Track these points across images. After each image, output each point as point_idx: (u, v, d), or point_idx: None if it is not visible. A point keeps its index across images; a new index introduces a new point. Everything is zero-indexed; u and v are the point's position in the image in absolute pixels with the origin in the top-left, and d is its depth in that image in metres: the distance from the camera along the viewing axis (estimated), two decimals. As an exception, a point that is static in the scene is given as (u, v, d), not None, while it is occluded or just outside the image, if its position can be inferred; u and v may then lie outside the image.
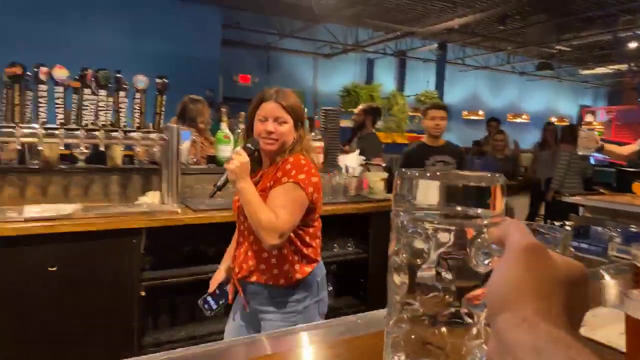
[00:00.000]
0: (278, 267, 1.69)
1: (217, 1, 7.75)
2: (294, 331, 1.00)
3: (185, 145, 2.81)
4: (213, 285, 1.89)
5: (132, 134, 2.45)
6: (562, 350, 0.31)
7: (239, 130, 3.24)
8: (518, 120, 14.74)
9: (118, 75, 2.39)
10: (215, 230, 2.74)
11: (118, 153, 2.65)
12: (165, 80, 2.49)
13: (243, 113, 3.23)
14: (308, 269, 1.74)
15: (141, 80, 2.41)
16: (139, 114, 2.44)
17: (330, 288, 3.10)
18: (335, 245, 3.11)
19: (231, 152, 1.85)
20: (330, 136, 3.34)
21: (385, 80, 12.04)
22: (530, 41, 10.80)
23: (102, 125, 2.36)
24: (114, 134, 2.41)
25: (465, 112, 14.17)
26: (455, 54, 13.15)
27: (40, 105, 2.24)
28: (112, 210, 2.38)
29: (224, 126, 3.05)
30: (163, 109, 2.52)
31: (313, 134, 3.26)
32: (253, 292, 1.74)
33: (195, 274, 2.59)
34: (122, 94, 2.40)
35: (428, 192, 0.53)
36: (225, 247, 2.82)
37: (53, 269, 2.11)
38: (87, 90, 2.33)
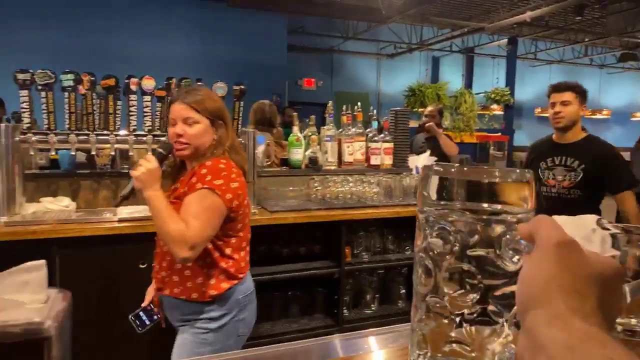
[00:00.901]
0: (191, 280, 1.56)
1: (282, 7, 7.93)
2: (366, 334, 1.01)
3: (260, 149, 2.91)
4: (147, 299, 1.74)
5: (212, 139, 2.57)
6: (597, 349, 0.30)
7: (310, 134, 3.30)
8: (598, 116, 13.76)
9: (199, 83, 2.51)
10: (289, 231, 2.82)
11: (198, 157, 2.78)
12: (243, 87, 2.59)
13: (313, 117, 3.29)
14: (225, 285, 1.58)
15: (221, 87, 2.52)
16: (218, 119, 2.55)
17: (404, 291, 3.06)
18: (407, 247, 3.08)
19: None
20: (399, 137, 3.31)
21: (452, 78, 11.72)
22: (611, 31, 10.05)
23: (185, 131, 2.50)
24: (195, 139, 2.53)
25: (538, 110, 13.45)
26: (527, 48, 12.53)
27: (131, 113, 2.41)
28: (194, 212, 2.51)
29: (295, 129, 3.12)
30: (240, 115, 2.62)
31: (382, 135, 3.25)
32: (168, 306, 1.64)
33: (270, 273, 2.67)
34: (202, 101, 2.52)
35: (453, 188, 0.52)
36: (298, 247, 2.89)
37: (143, 265, 2.27)
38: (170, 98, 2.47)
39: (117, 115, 2.48)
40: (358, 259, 2.91)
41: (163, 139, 2.49)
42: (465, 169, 0.52)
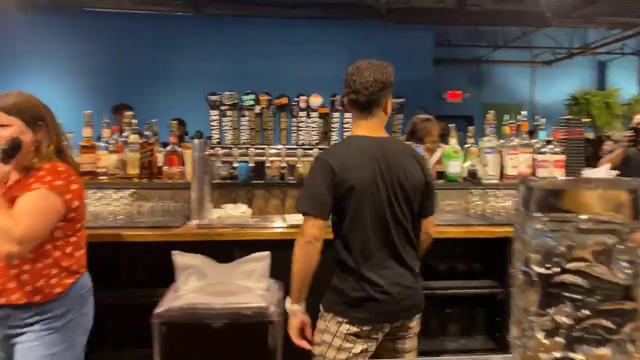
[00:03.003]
0: (31, 284, 1.55)
1: (437, 20, 7.86)
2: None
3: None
4: None
5: (372, 152, 2.64)
6: None
7: (467, 145, 3.19)
8: None
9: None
10: (446, 247, 2.74)
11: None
12: (403, 100, 2.62)
13: (473, 127, 3.18)
14: (68, 281, 1.62)
15: (381, 102, 2.58)
16: (379, 132, 2.61)
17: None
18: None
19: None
20: (572, 148, 3.00)
21: (623, 83, 10.27)
22: None
23: (348, 144, 2.61)
24: (356, 152, 2.63)
25: None
26: None
27: (300, 128, 2.60)
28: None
29: (453, 141, 3.04)
30: (400, 127, 2.65)
31: (551, 145, 2.98)
32: (3, 316, 1.58)
33: (428, 288, 2.61)
34: (364, 115, 2.61)
35: (556, 200, 0.50)
36: (456, 264, 2.79)
37: (310, 271, 2.41)
38: (335, 114, 2.61)
39: (285, 131, 2.71)
40: (523, 280, 2.69)
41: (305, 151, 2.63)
42: (567, 179, 0.52)
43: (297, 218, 2.59)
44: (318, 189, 1.60)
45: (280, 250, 2.42)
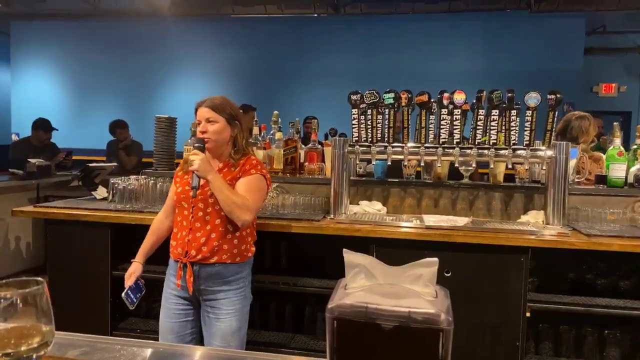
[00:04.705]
0: (237, 247, 1.93)
1: (587, 6, 7.03)
2: None
3: (571, 163, 2.62)
4: (132, 279, 1.99)
5: (520, 152, 2.45)
6: None
7: (635, 146, 2.81)
8: None
9: (510, 94, 2.44)
10: (608, 260, 2.44)
11: (501, 171, 2.71)
12: (559, 95, 2.39)
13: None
14: (253, 248, 2.04)
15: (533, 98, 2.39)
16: (529, 131, 2.42)
17: None
18: None
19: (186, 157, 2.01)
20: None
21: None
22: None
23: (493, 143, 2.46)
24: (502, 151, 2.47)
25: None
26: None
27: (442, 126, 2.52)
28: (498, 226, 2.44)
29: (617, 142, 2.69)
30: (554, 126, 2.43)
31: None
32: (210, 273, 1.90)
33: (580, 304, 2.37)
34: (513, 112, 2.43)
35: None
36: (618, 281, 2.47)
37: (448, 274, 2.33)
38: (481, 111, 2.47)
39: (424, 129, 2.64)
40: None
41: (469, 151, 2.52)
42: None
43: (434, 219, 2.53)
44: None
45: (418, 252, 2.38)
